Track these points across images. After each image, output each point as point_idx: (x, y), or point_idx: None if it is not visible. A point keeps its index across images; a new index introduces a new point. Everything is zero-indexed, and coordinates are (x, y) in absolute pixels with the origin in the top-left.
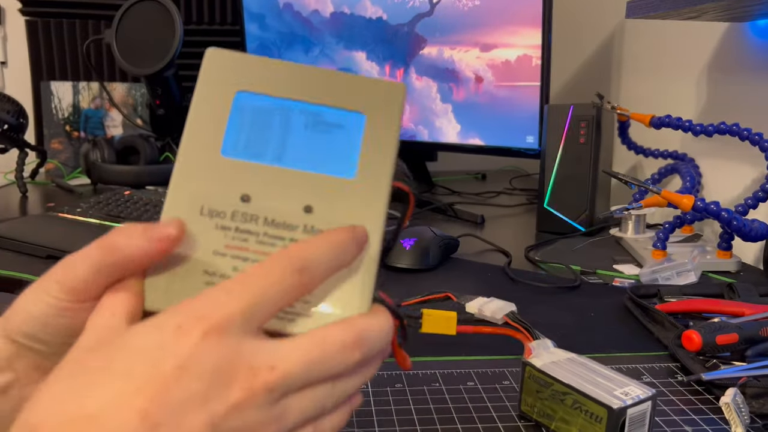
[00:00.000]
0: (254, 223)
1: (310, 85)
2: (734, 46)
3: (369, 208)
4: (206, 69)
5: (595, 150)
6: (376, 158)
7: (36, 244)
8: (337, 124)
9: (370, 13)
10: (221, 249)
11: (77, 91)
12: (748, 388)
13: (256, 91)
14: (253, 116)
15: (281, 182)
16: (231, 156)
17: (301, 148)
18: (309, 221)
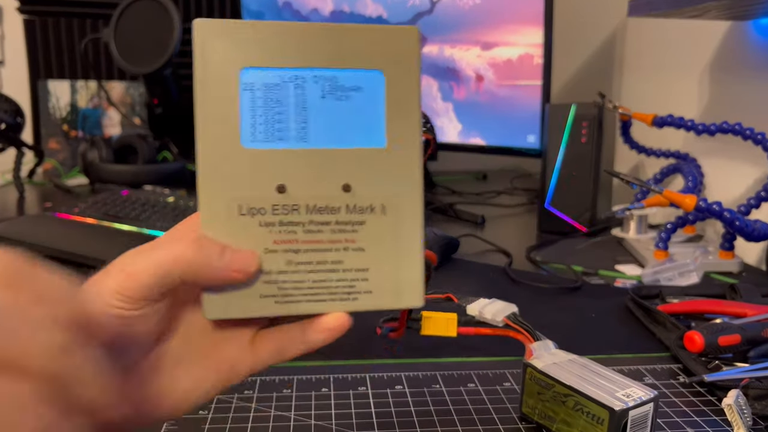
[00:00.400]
0: (297, 213)
1: (316, 46)
2: (736, 44)
3: (404, 174)
4: (200, 46)
5: (596, 149)
6: (402, 119)
7: (34, 244)
8: (355, 87)
9: (370, 11)
10: (271, 246)
11: (75, 90)
12: (751, 390)
13: (262, 65)
14: (264, 94)
15: (313, 165)
16: (252, 145)
17: (323, 122)
18: (350, 200)
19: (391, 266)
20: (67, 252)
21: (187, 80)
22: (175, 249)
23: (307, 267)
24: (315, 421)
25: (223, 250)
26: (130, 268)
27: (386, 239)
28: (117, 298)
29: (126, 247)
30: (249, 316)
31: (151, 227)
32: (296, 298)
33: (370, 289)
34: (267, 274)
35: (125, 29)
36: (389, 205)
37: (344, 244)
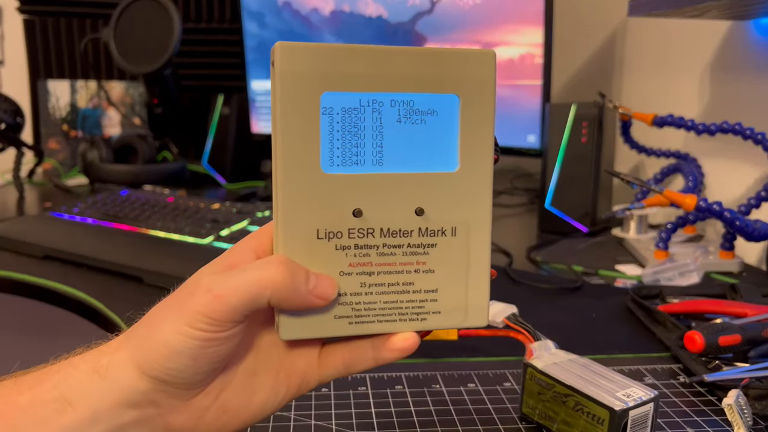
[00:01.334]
0: (371, 237)
1: (394, 70)
2: (737, 44)
3: (475, 198)
4: (283, 70)
5: (597, 149)
6: (475, 143)
7: (33, 244)
8: (430, 111)
9: (370, 11)
10: (346, 269)
11: (75, 90)
12: (751, 390)
13: (342, 90)
14: (343, 119)
15: (388, 189)
16: (332, 169)
17: (398, 146)
18: (423, 224)
19: (459, 287)
20: (67, 252)
21: (187, 80)
22: (265, 272)
23: (380, 288)
24: (315, 421)
25: (309, 276)
26: (219, 290)
27: (456, 261)
28: (204, 321)
29: (130, 247)
30: (323, 336)
31: (151, 227)
32: (369, 319)
33: (438, 310)
34: (342, 296)
35: (125, 29)
36: (460, 228)
37: (416, 266)
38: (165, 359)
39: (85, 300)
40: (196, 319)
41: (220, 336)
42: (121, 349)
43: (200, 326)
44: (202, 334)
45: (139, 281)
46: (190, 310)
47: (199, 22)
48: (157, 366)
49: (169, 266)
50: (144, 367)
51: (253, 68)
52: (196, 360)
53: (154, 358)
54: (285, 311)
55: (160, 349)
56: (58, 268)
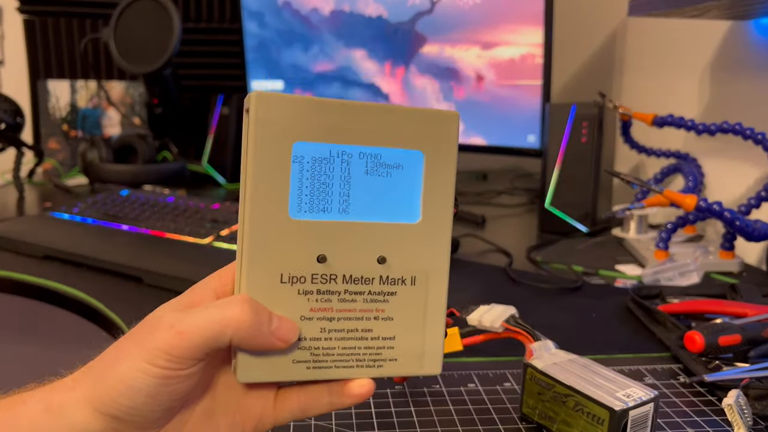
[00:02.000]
0: (334, 283)
1: (364, 125)
2: (737, 44)
3: (434, 248)
4: (257, 118)
5: (597, 149)
6: (437, 197)
7: (33, 244)
8: (396, 164)
9: (370, 11)
10: (307, 314)
11: (75, 90)
12: (751, 390)
13: (313, 140)
14: (313, 168)
15: (352, 237)
16: (299, 216)
17: (364, 197)
18: (384, 272)
19: (416, 335)
20: (67, 252)
21: (187, 80)
22: (228, 311)
23: (339, 335)
24: (315, 421)
25: (271, 317)
26: (181, 326)
27: (414, 309)
28: (164, 358)
29: (130, 247)
30: (280, 380)
31: (151, 227)
32: (326, 364)
33: (395, 357)
34: (301, 340)
35: (125, 29)
36: (419, 277)
37: (375, 313)
38: (121, 396)
39: (85, 300)
40: (155, 356)
41: (179, 374)
42: (76, 387)
43: (160, 363)
44: (162, 371)
45: (139, 281)
46: (150, 346)
47: (199, 22)
48: (113, 403)
49: (169, 266)
50: (98, 405)
51: (253, 68)
52: (154, 398)
53: (109, 395)
54: (243, 353)
55: (117, 386)
56: (58, 268)
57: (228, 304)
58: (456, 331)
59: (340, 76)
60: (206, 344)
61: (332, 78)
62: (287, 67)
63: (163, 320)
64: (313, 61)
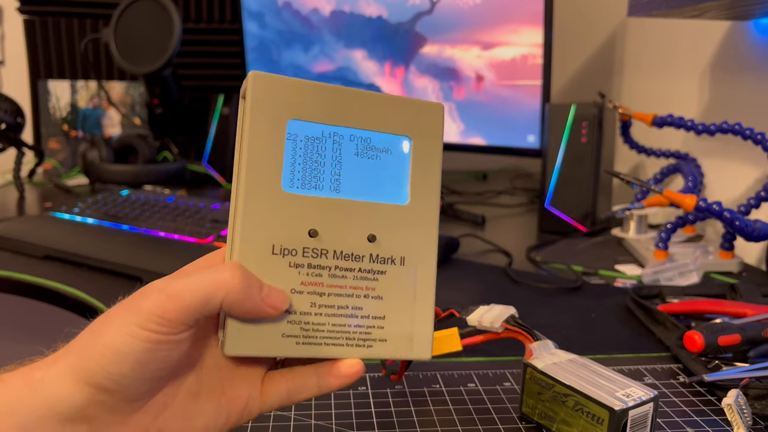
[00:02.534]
0: (325, 258)
1: (356, 109)
2: (737, 44)
3: (423, 231)
4: (254, 96)
5: (596, 149)
6: (424, 181)
7: (33, 244)
8: (385, 149)
9: (370, 11)
10: (297, 287)
11: (75, 90)
12: (751, 390)
13: (307, 119)
14: (306, 146)
15: (344, 214)
16: (291, 190)
17: (355, 177)
18: (374, 250)
19: (405, 317)
20: (67, 252)
21: (187, 80)
22: (220, 275)
23: (329, 311)
24: (315, 421)
25: (262, 284)
26: (172, 289)
27: (403, 290)
28: (155, 321)
29: (130, 247)
30: (269, 355)
31: (151, 227)
32: (316, 341)
33: (384, 338)
34: (291, 314)
35: (125, 29)
36: (408, 258)
37: (365, 291)
38: (109, 363)
39: (85, 300)
40: (146, 319)
41: (170, 338)
42: (59, 361)
43: (151, 326)
44: (153, 335)
45: (139, 281)
46: (140, 309)
47: (199, 22)
48: (100, 371)
49: (169, 266)
50: (84, 375)
51: (253, 68)
52: (143, 364)
53: (97, 362)
54: (233, 324)
55: (105, 353)
56: (58, 268)
57: (220, 268)
58: (456, 331)
59: (340, 76)
60: (197, 307)
61: (332, 78)
62: (287, 67)
63: (153, 286)
64: (313, 61)
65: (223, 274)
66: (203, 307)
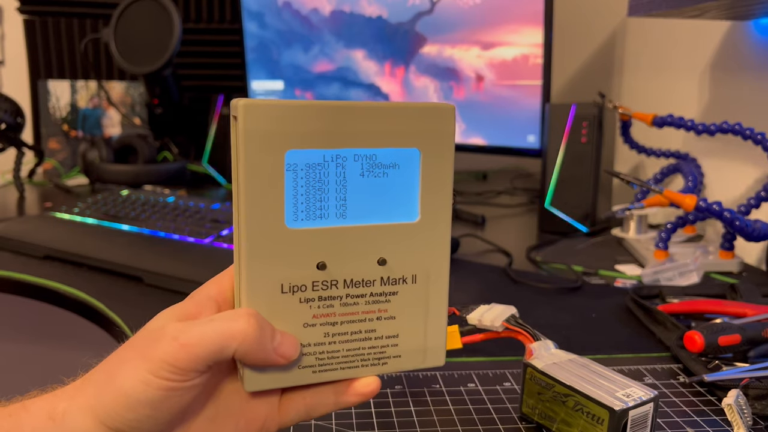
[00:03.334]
0: (335, 288)
1: (356, 126)
2: (737, 44)
3: (435, 246)
4: (247, 129)
5: (596, 149)
6: (435, 194)
7: (33, 244)
8: (392, 164)
9: (370, 11)
10: (310, 320)
11: (75, 90)
12: (751, 390)
13: (306, 147)
14: (307, 175)
15: (351, 241)
16: (296, 224)
17: (361, 199)
18: (385, 273)
19: (419, 331)
20: (67, 252)
21: (187, 80)
22: (234, 324)
23: (343, 337)
24: (315, 421)
25: (274, 333)
26: (185, 338)
27: (416, 307)
28: (168, 369)
29: (130, 247)
30: (287, 386)
31: (151, 227)
32: (332, 367)
33: (399, 354)
34: (305, 346)
35: (125, 29)
36: (420, 275)
37: (378, 313)
38: (124, 409)
39: (85, 300)
40: (159, 367)
41: (183, 385)
42: (79, 395)
43: (163, 374)
44: (165, 383)
45: (139, 281)
46: (154, 357)
47: (199, 22)
48: (116, 416)
49: (169, 266)
50: (102, 416)
51: (253, 68)
52: (157, 410)
53: (113, 408)
54: (248, 366)
55: (120, 399)
56: (58, 268)
57: (235, 316)
58: (456, 329)
59: (340, 76)
60: (210, 357)
61: (332, 78)
62: (287, 67)
63: (167, 331)
64: (313, 61)
65: (238, 324)
66: (216, 356)
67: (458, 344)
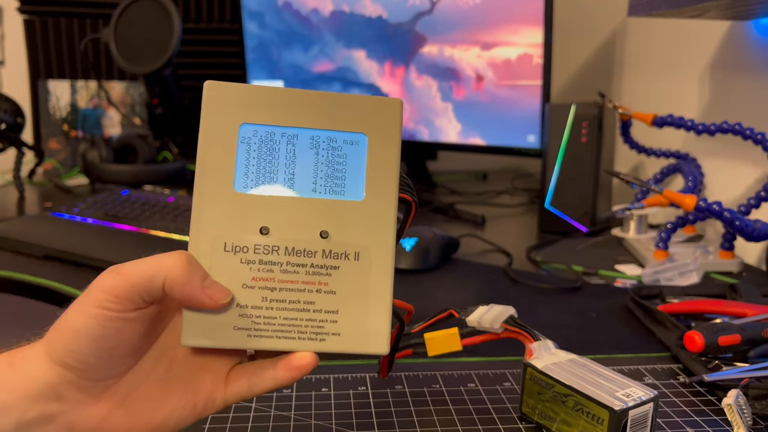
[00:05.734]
0: (276, 254)
1: (310, 110)
2: (737, 44)
3: (379, 227)
4: (207, 103)
5: (596, 149)
6: (380, 177)
7: (33, 244)
8: (340, 147)
9: (370, 11)
10: (249, 282)
11: (75, 90)
12: (751, 390)
13: (259, 122)
14: (259, 147)
15: (296, 211)
16: (244, 190)
17: (309, 175)
18: (326, 246)
19: (359, 311)
20: (67, 252)
21: (187, 80)
22: (165, 258)
23: (281, 305)
24: (315, 421)
25: (206, 275)
26: (122, 269)
27: (357, 285)
28: (106, 299)
29: (130, 247)
30: (221, 346)
31: (151, 227)
32: (267, 334)
33: (338, 332)
34: (242, 308)
35: (125, 29)
36: (363, 254)
37: (317, 286)
38: (68, 341)
39: None
40: (97, 297)
41: (119, 316)
42: (37, 343)
43: (101, 303)
44: (103, 312)
45: None
46: (94, 289)
47: (199, 22)
48: (63, 351)
49: None
50: (52, 355)
51: (253, 68)
52: (98, 341)
53: (60, 343)
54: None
55: (66, 334)
56: (58, 268)
57: (167, 254)
58: (456, 331)
59: (340, 76)
60: (142, 284)
61: (332, 78)
62: (287, 67)
63: (109, 268)
64: (313, 61)
65: (168, 259)
66: (147, 285)
67: (458, 347)
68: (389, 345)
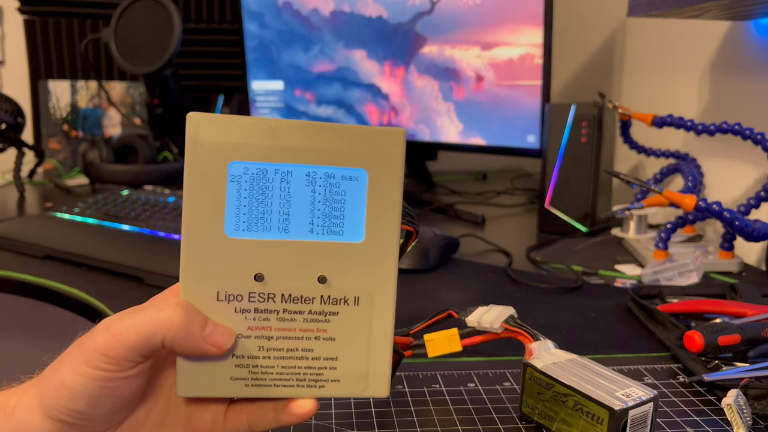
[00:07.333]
0: (272, 302)
1: (305, 143)
2: (736, 44)
3: (379, 269)
4: (192, 138)
5: (596, 149)
6: (382, 216)
7: (34, 244)
8: (338, 183)
9: (370, 11)
10: (244, 332)
11: (75, 91)
12: (750, 389)
13: (250, 159)
14: (250, 186)
15: (292, 256)
16: (235, 234)
17: (305, 215)
18: (325, 292)
19: (360, 357)
20: (67, 252)
21: (187, 80)
22: (161, 312)
23: (278, 353)
24: (315, 421)
25: (206, 322)
26: (116, 328)
27: (357, 330)
28: (101, 360)
29: (130, 247)
30: (217, 396)
31: (151, 227)
32: (265, 383)
33: (337, 378)
34: (239, 357)
35: (125, 29)
36: (363, 298)
37: (316, 333)
38: (65, 400)
39: (85, 300)
40: (93, 358)
41: (117, 376)
42: (30, 390)
43: (98, 365)
44: (100, 374)
45: (140, 281)
46: (88, 348)
47: (199, 22)
48: (58, 407)
49: (170, 266)
50: (47, 409)
51: (253, 68)
52: (96, 400)
53: (55, 400)
54: (182, 366)
55: (61, 391)
56: (58, 268)
57: (162, 306)
58: (455, 332)
59: (340, 76)
60: (140, 345)
61: (332, 78)
62: (287, 67)
63: (102, 324)
64: (313, 61)
65: (164, 312)
66: (146, 345)
67: (458, 347)
68: (389, 387)
